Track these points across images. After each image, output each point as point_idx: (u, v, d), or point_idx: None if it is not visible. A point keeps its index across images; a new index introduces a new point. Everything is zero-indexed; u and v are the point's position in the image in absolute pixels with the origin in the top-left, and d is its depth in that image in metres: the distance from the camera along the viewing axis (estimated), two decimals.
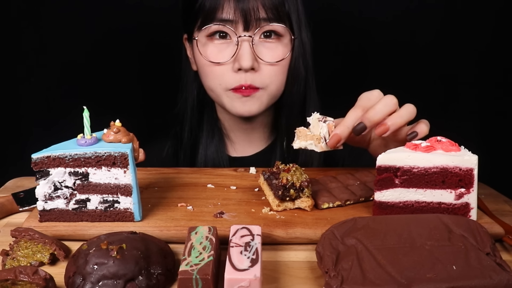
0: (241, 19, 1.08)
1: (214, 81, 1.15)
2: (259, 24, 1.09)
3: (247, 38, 1.09)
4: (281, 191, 0.86)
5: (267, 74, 1.13)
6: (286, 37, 1.14)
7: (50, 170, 0.81)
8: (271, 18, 1.10)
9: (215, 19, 1.09)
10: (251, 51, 1.09)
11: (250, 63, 1.09)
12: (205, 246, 0.70)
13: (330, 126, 0.92)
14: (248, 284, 0.62)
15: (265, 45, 1.12)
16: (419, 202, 0.83)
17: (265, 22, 1.09)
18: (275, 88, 1.16)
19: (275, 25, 1.11)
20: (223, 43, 1.12)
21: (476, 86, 1.69)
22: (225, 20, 1.09)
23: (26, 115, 1.68)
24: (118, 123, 0.84)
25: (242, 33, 1.10)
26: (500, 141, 1.68)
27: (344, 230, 0.73)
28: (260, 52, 1.11)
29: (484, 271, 0.63)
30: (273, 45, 1.13)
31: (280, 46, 1.13)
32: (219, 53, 1.12)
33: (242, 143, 1.31)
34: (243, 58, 1.09)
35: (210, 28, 1.11)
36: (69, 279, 0.68)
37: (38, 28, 1.61)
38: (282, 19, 1.12)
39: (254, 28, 1.09)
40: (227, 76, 1.13)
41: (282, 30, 1.13)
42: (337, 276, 0.64)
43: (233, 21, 1.09)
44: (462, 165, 0.80)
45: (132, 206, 0.83)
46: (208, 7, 1.10)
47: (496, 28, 1.64)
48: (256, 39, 1.11)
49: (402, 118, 0.88)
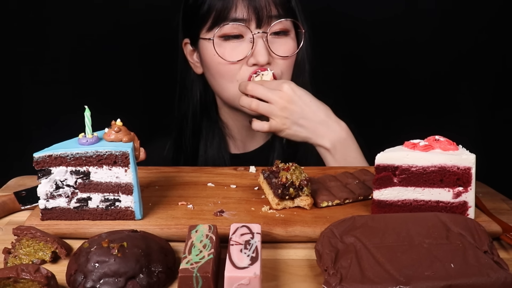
0: (254, 17, 1.12)
1: (231, 80, 1.17)
2: (271, 21, 1.14)
3: (261, 35, 1.13)
4: (281, 190, 0.87)
5: (280, 67, 1.18)
6: (292, 31, 1.20)
7: (51, 169, 0.81)
8: (281, 14, 1.15)
9: (229, 19, 1.13)
10: (265, 47, 1.14)
11: (266, 58, 1.14)
12: (205, 244, 0.70)
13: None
14: (248, 282, 0.63)
15: (276, 41, 1.17)
16: (417, 201, 0.84)
17: (275, 18, 1.14)
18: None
19: (285, 21, 1.16)
20: (236, 42, 1.15)
21: (473, 86, 1.69)
22: (239, 19, 1.12)
23: (28, 114, 1.68)
24: (119, 122, 0.84)
25: (255, 30, 1.13)
26: (498, 140, 1.69)
27: (343, 229, 0.73)
28: (273, 47, 1.16)
29: (482, 269, 0.64)
30: (284, 40, 1.18)
31: (290, 40, 1.19)
32: (233, 52, 1.15)
33: (244, 139, 1.32)
34: (260, 54, 1.13)
35: (223, 28, 1.13)
36: (71, 277, 0.69)
37: (40, 28, 1.61)
38: (290, 14, 1.17)
39: (266, 25, 1.14)
40: (243, 73, 1.16)
41: (290, 25, 1.18)
42: (336, 274, 0.64)
43: (247, 19, 1.12)
44: (460, 164, 0.80)
45: (133, 204, 0.84)
46: (221, 8, 1.12)
47: (494, 28, 1.64)
48: (268, 35, 1.14)
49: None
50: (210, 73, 1.21)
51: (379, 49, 1.66)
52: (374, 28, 1.64)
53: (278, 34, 1.17)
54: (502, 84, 1.68)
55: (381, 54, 1.66)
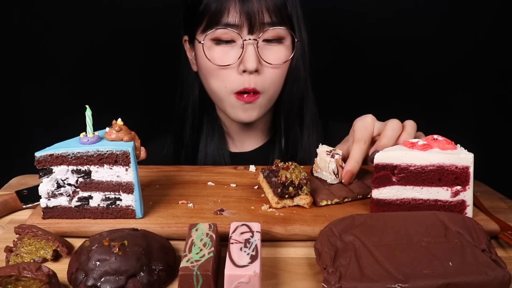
0: (246, 23, 1.09)
1: (219, 84, 1.16)
2: (263, 28, 1.10)
3: (251, 42, 1.11)
4: (280, 189, 0.87)
5: (269, 76, 1.15)
6: (287, 39, 1.16)
7: (53, 168, 0.82)
8: (275, 22, 1.11)
9: (221, 23, 1.10)
10: (256, 54, 1.11)
11: (255, 65, 1.10)
12: (205, 242, 0.70)
13: (338, 161, 0.95)
14: (248, 280, 0.63)
15: (269, 48, 1.14)
16: (416, 200, 0.84)
17: (268, 26, 1.11)
18: (273, 92, 1.18)
19: (278, 29, 1.12)
20: (227, 46, 1.13)
21: (472, 85, 1.69)
22: (231, 25, 1.10)
23: (29, 114, 1.69)
24: (120, 121, 0.84)
25: (246, 36, 1.11)
26: (496, 140, 1.69)
27: (342, 227, 0.74)
28: (264, 55, 1.13)
29: (480, 267, 0.64)
30: (276, 48, 1.14)
31: (282, 48, 1.15)
32: (224, 56, 1.13)
33: (242, 139, 1.32)
34: (249, 61, 1.10)
35: (215, 32, 1.11)
36: (72, 275, 0.69)
37: (41, 29, 1.61)
38: (285, 22, 1.13)
39: (258, 32, 1.11)
40: (232, 78, 1.14)
41: (284, 33, 1.14)
42: (335, 272, 0.64)
43: (238, 25, 1.10)
44: (458, 163, 0.81)
45: (134, 203, 0.84)
46: (214, 10, 1.10)
47: (493, 28, 1.64)
48: (260, 43, 1.12)
49: (409, 136, 0.93)
50: (201, 73, 1.20)
51: (378, 48, 1.66)
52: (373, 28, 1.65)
53: (271, 41, 1.14)
54: (501, 83, 1.69)
55: (381, 52, 1.66)
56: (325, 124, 1.33)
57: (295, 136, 1.27)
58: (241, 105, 1.16)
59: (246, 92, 1.14)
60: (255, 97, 1.15)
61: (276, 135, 1.29)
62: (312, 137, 1.26)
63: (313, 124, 1.26)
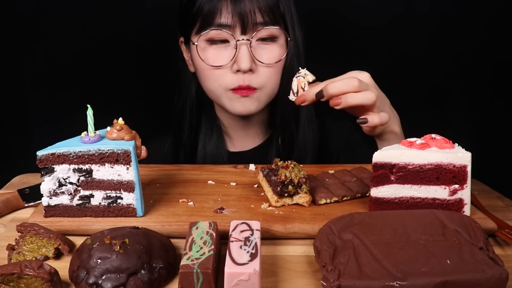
0: (239, 23, 1.10)
1: (214, 83, 1.17)
2: (256, 28, 1.11)
3: (245, 42, 1.11)
4: (280, 187, 0.88)
5: (264, 75, 1.15)
6: (281, 38, 1.16)
7: (54, 167, 0.82)
8: (267, 21, 1.11)
9: (214, 24, 1.11)
10: (249, 54, 1.11)
11: (249, 65, 1.11)
12: (205, 240, 0.71)
13: (300, 82, 0.97)
14: (248, 278, 0.63)
15: (262, 47, 1.14)
16: (414, 198, 0.85)
17: (261, 25, 1.11)
18: (270, 88, 1.18)
19: (271, 28, 1.13)
20: (221, 46, 1.14)
21: (469, 85, 1.70)
22: (223, 25, 1.10)
23: (31, 113, 1.69)
24: (121, 121, 0.85)
25: (239, 36, 1.11)
26: (493, 139, 1.69)
27: (341, 225, 0.74)
28: (257, 54, 1.13)
29: (477, 265, 0.64)
30: (270, 47, 1.15)
31: (276, 47, 1.15)
32: (218, 56, 1.13)
33: (240, 138, 1.32)
34: (242, 61, 1.11)
35: (208, 33, 1.12)
36: (73, 273, 0.69)
37: (41, 28, 1.61)
38: (278, 21, 1.13)
39: (251, 32, 1.11)
40: (226, 77, 1.15)
41: (278, 32, 1.14)
42: (334, 270, 0.65)
43: (231, 25, 1.10)
44: (456, 162, 0.81)
45: (135, 202, 0.85)
46: (207, 12, 1.10)
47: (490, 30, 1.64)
48: (253, 42, 1.12)
49: (354, 100, 0.91)
50: (198, 73, 1.21)
51: (376, 47, 1.67)
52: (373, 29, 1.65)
53: (265, 40, 1.14)
54: (497, 82, 1.69)
55: (378, 50, 1.67)
56: (322, 122, 1.33)
57: (291, 135, 1.27)
58: (238, 98, 1.16)
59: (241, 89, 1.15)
60: (252, 91, 1.15)
61: (274, 134, 1.30)
62: (308, 135, 1.27)
63: (308, 123, 1.27)
